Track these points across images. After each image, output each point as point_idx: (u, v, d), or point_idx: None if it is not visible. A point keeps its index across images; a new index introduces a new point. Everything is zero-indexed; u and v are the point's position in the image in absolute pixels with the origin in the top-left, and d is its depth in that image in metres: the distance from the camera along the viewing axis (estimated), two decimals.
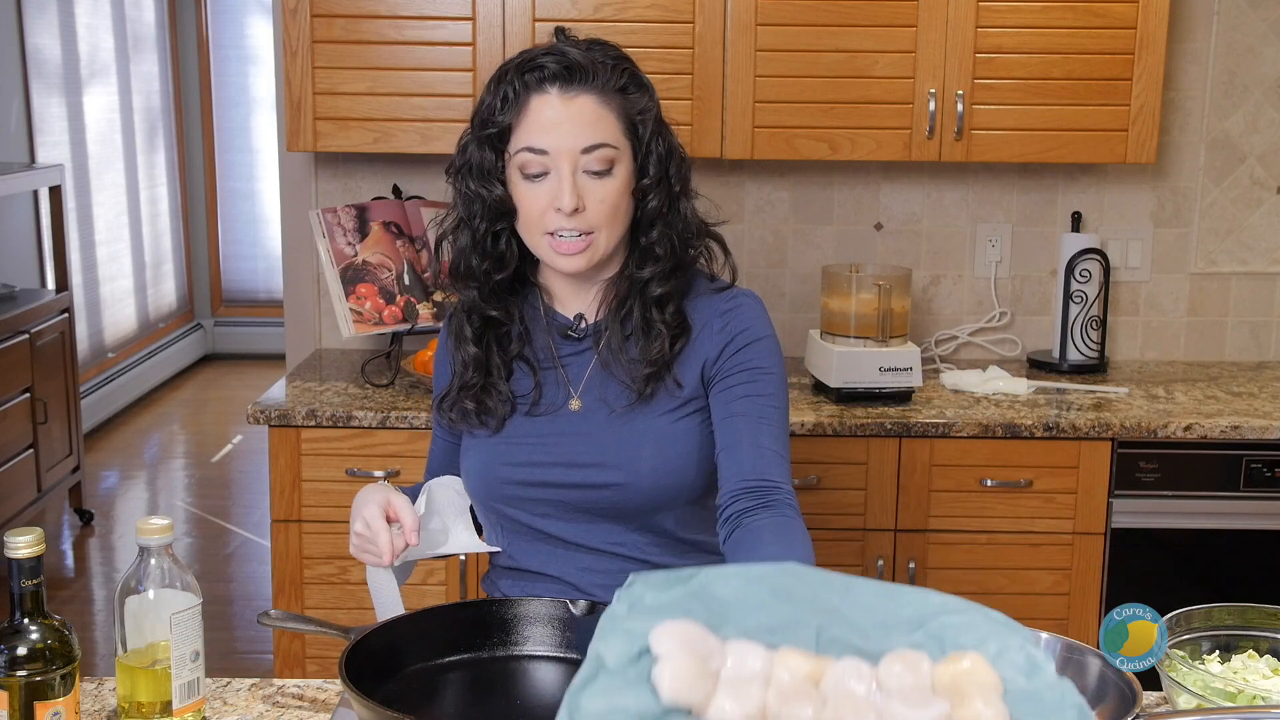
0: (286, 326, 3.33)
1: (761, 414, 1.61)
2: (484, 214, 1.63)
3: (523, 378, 1.70)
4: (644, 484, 1.63)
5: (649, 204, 1.63)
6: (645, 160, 1.63)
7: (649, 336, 1.64)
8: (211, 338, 7.77)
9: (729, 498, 1.57)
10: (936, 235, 3.26)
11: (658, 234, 1.64)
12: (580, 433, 1.66)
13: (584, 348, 1.70)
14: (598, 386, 1.67)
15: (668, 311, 1.65)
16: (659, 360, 1.63)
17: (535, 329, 1.72)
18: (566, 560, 1.68)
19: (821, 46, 2.83)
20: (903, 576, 2.75)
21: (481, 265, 1.66)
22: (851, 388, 2.79)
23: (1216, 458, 2.73)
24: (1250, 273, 3.28)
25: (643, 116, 1.62)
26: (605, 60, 1.61)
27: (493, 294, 1.68)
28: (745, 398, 1.62)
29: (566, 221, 1.58)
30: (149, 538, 1.35)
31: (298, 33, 2.82)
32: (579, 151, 1.58)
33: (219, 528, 4.90)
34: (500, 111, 1.60)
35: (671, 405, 1.64)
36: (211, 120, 7.65)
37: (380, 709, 1.26)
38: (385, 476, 2.71)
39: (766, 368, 1.64)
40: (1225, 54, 3.18)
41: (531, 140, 1.58)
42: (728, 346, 1.65)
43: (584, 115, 1.58)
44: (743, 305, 1.68)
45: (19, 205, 5.41)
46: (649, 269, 1.64)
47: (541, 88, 1.59)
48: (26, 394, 4.30)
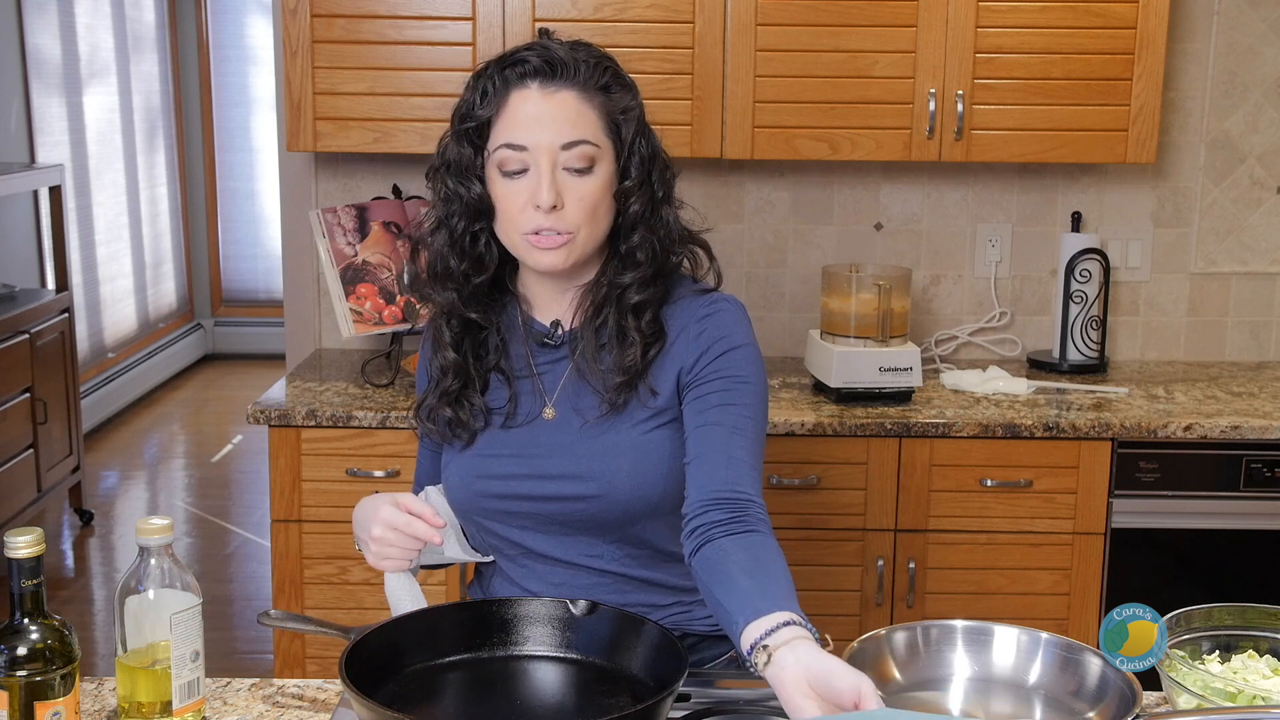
0: (286, 326, 3.33)
1: (736, 424, 1.56)
2: (462, 212, 1.59)
3: (498, 389, 1.66)
4: (620, 495, 1.59)
5: (630, 208, 1.59)
6: (628, 162, 1.59)
7: (623, 344, 1.60)
8: (211, 338, 7.77)
9: (697, 508, 1.51)
10: (936, 235, 3.26)
11: (639, 239, 1.59)
12: (554, 443, 1.62)
13: (560, 356, 1.66)
14: (571, 396, 1.64)
15: (644, 319, 1.60)
16: (631, 369, 1.59)
17: (512, 339, 1.68)
18: (546, 574, 1.65)
19: (821, 46, 2.83)
20: (903, 576, 2.75)
21: (460, 266, 1.61)
22: (851, 388, 2.79)
23: (1216, 458, 2.73)
24: (1250, 273, 3.28)
25: (625, 116, 1.58)
26: (588, 58, 1.57)
27: (472, 297, 1.64)
28: (720, 406, 1.57)
29: (545, 220, 1.54)
30: (149, 538, 1.35)
31: (298, 33, 2.82)
32: (559, 148, 1.54)
33: (219, 528, 4.90)
34: (480, 106, 1.56)
35: (645, 415, 1.60)
36: (211, 120, 7.65)
37: (380, 709, 1.26)
38: (385, 477, 2.71)
39: (744, 376, 1.59)
40: (1225, 54, 3.18)
41: (511, 136, 1.55)
42: (704, 354, 1.60)
43: (565, 111, 1.54)
44: (722, 311, 1.63)
45: (19, 205, 5.41)
46: (628, 275, 1.60)
47: (522, 83, 1.55)
48: (26, 394, 4.30)
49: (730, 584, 1.41)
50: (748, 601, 1.36)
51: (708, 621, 1.67)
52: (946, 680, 1.45)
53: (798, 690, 1.25)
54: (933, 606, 2.77)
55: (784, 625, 1.31)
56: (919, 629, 1.47)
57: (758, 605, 1.35)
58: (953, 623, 1.47)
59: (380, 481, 2.71)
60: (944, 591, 2.77)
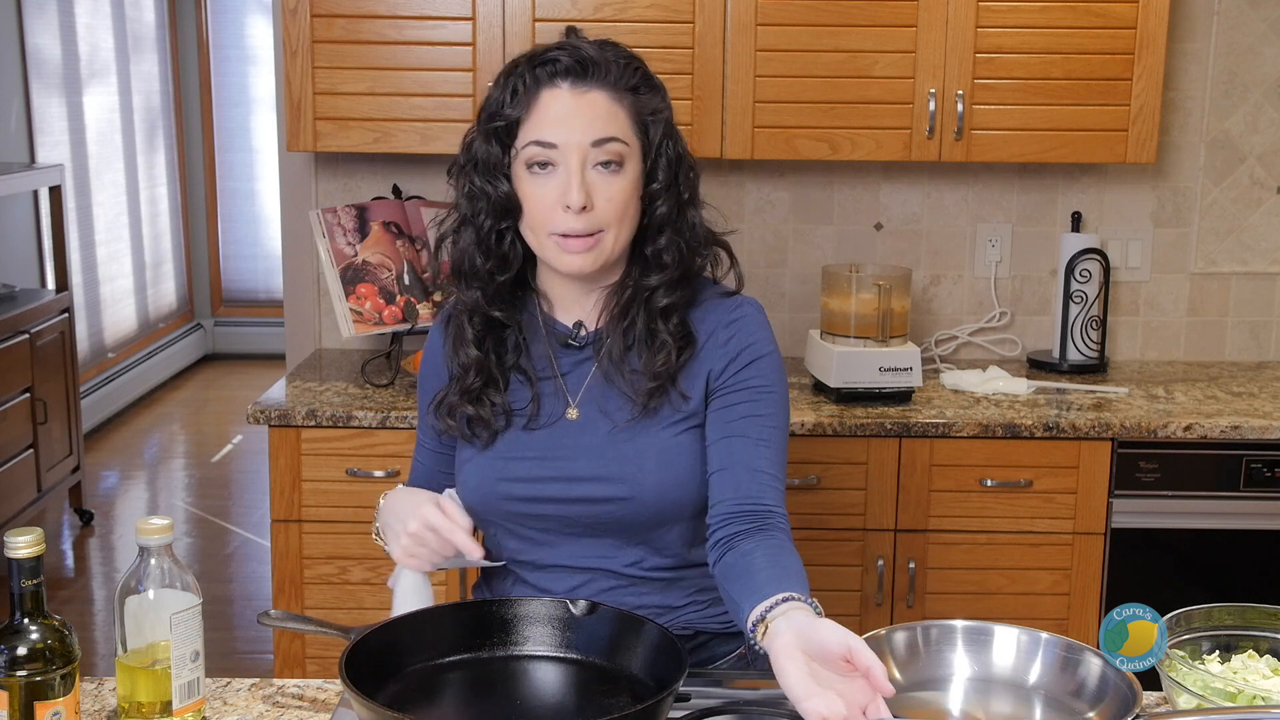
0: (286, 326, 3.33)
1: (760, 435, 1.58)
2: (489, 211, 1.59)
3: (519, 389, 1.65)
4: (649, 498, 1.59)
5: (658, 210, 1.60)
6: (655, 163, 1.59)
7: (653, 348, 1.60)
8: (211, 338, 7.77)
9: (720, 520, 1.54)
10: (936, 235, 3.26)
11: (665, 241, 1.60)
12: (580, 445, 1.62)
13: (584, 357, 1.65)
14: (597, 397, 1.63)
15: (672, 323, 1.61)
16: (664, 373, 1.59)
17: (533, 339, 1.67)
18: (562, 578, 1.65)
19: (821, 46, 2.83)
20: (903, 576, 2.75)
21: (486, 265, 1.61)
22: (851, 388, 2.79)
23: (1216, 458, 2.73)
24: (1250, 273, 3.28)
25: (654, 117, 1.59)
26: (617, 58, 1.58)
27: (496, 295, 1.63)
28: (744, 418, 1.58)
29: (575, 221, 1.54)
30: (149, 538, 1.35)
31: (298, 33, 2.83)
32: (589, 145, 1.54)
33: (219, 528, 4.90)
34: (509, 105, 1.56)
35: (676, 418, 1.61)
36: (211, 120, 7.65)
37: (380, 709, 1.26)
38: (385, 476, 2.71)
39: (768, 386, 1.61)
40: (1225, 54, 3.18)
41: (540, 134, 1.55)
42: (732, 363, 1.61)
43: (595, 110, 1.55)
44: (748, 318, 1.64)
45: (19, 205, 5.41)
46: (655, 278, 1.60)
47: (553, 82, 1.55)
48: (26, 394, 4.30)
49: (746, 578, 1.45)
50: (758, 589, 1.40)
51: (720, 619, 1.67)
52: (946, 680, 1.45)
53: (785, 653, 1.27)
54: (933, 606, 2.77)
55: (784, 600, 1.36)
56: (919, 629, 1.47)
57: (766, 590, 1.39)
58: (953, 623, 1.47)
59: (380, 481, 2.71)
60: (944, 591, 2.77)
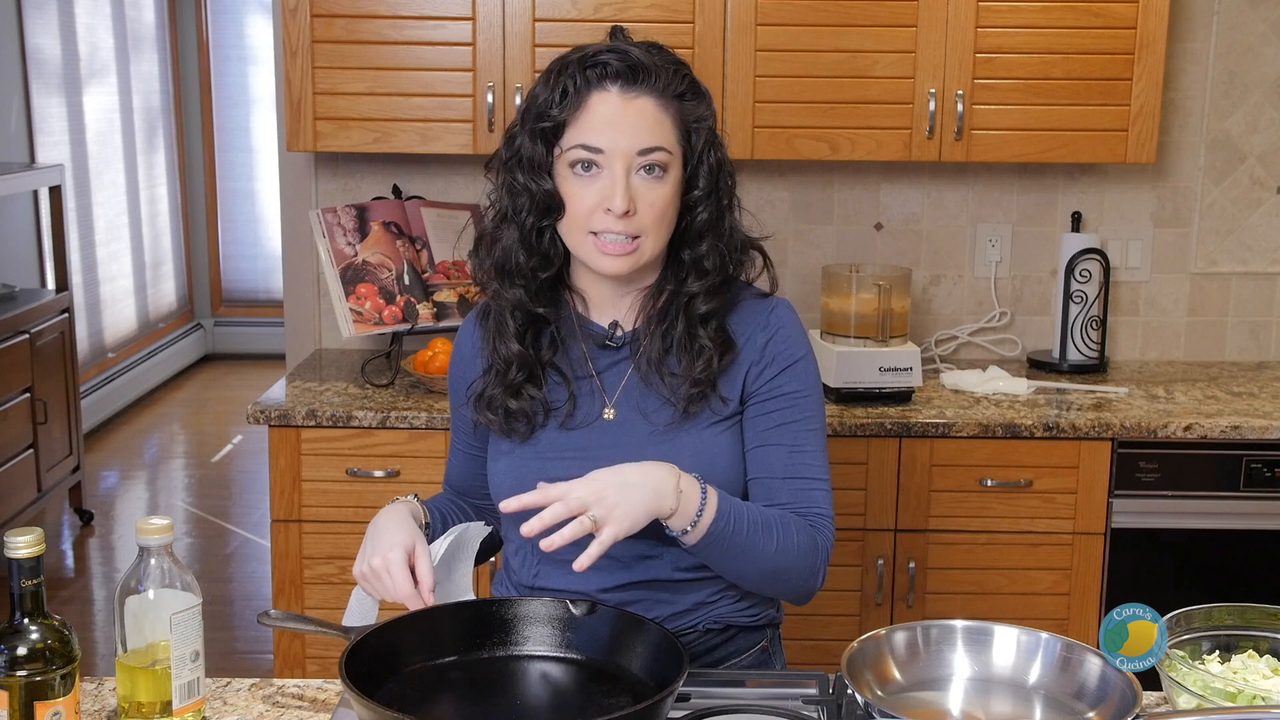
0: (286, 326, 3.33)
1: (795, 442, 1.62)
2: (532, 208, 1.59)
3: (556, 388, 1.66)
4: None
5: (698, 216, 1.61)
6: (696, 170, 1.60)
7: (692, 353, 1.62)
8: (211, 338, 7.77)
9: None
10: (936, 235, 3.26)
11: (706, 247, 1.61)
12: (618, 445, 1.62)
13: (620, 358, 1.66)
14: (635, 398, 1.64)
15: (712, 327, 1.63)
16: (704, 379, 1.61)
17: (569, 338, 1.68)
18: (596, 579, 1.62)
19: (821, 46, 2.83)
20: (903, 576, 2.75)
21: (529, 262, 1.62)
22: (851, 388, 2.79)
23: (1216, 458, 2.73)
24: (1250, 273, 3.28)
25: (698, 125, 1.60)
26: (666, 64, 1.59)
27: (539, 292, 1.64)
28: (779, 426, 1.62)
29: (615, 224, 1.55)
30: (149, 538, 1.35)
31: (298, 33, 2.82)
32: (635, 153, 1.55)
33: (219, 528, 4.90)
34: (557, 105, 1.56)
35: (715, 419, 1.63)
36: (211, 120, 7.65)
37: (380, 709, 1.26)
38: (385, 477, 2.71)
39: (803, 390, 1.64)
40: (1225, 54, 3.18)
41: (587, 138, 1.55)
42: (768, 368, 1.63)
43: (643, 117, 1.56)
44: (784, 322, 1.66)
45: (19, 205, 5.41)
46: (696, 284, 1.61)
47: (602, 85, 1.56)
48: (26, 394, 4.30)
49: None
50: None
51: (748, 613, 1.69)
52: (946, 680, 1.45)
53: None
54: (933, 606, 2.77)
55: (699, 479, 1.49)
56: (919, 629, 1.47)
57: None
58: (953, 623, 1.47)
59: (380, 481, 2.71)
60: (944, 591, 2.77)
